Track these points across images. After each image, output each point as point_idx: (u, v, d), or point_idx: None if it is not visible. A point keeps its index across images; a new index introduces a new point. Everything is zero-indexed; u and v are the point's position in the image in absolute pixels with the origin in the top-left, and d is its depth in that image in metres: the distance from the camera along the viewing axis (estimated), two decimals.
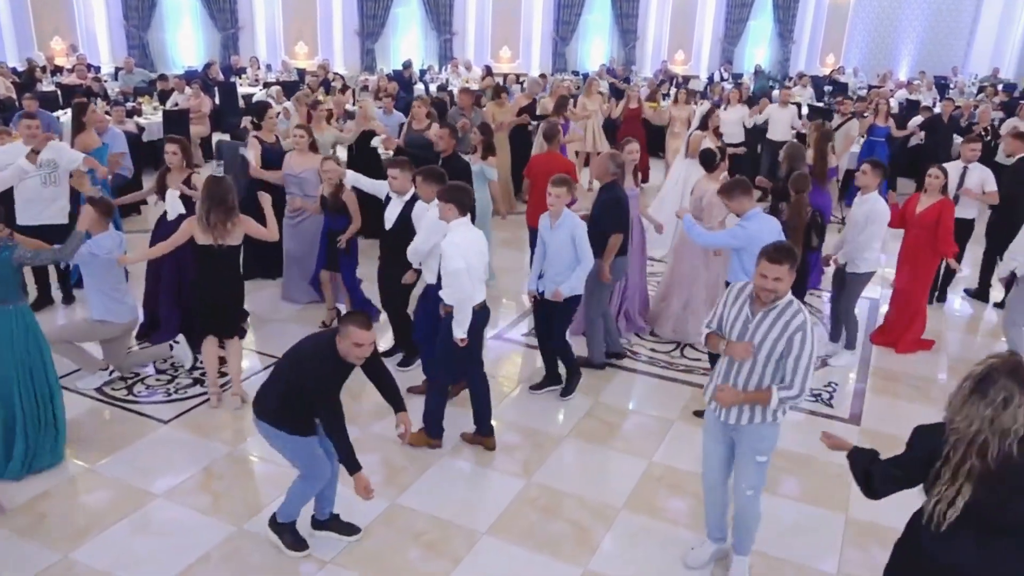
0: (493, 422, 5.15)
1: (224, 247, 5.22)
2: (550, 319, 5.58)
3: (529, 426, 5.38)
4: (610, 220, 5.73)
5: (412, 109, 8.70)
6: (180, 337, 5.81)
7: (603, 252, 5.66)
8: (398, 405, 4.13)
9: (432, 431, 5.02)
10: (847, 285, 6.31)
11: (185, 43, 18.13)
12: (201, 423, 5.28)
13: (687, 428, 5.41)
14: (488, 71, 16.68)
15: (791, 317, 3.52)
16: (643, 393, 5.94)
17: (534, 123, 10.48)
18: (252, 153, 7.11)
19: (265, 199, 5.65)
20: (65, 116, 10.72)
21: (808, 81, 17.23)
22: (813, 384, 4.54)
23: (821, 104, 15.41)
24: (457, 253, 4.61)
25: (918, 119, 12.01)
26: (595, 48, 21.57)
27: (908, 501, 2.81)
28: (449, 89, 14.58)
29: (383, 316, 6.39)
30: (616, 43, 21.58)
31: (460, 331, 4.69)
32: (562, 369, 5.78)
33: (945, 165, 6.69)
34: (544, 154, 7.47)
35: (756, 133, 11.68)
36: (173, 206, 6.10)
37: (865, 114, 11.57)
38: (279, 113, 8.84)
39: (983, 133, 10.99)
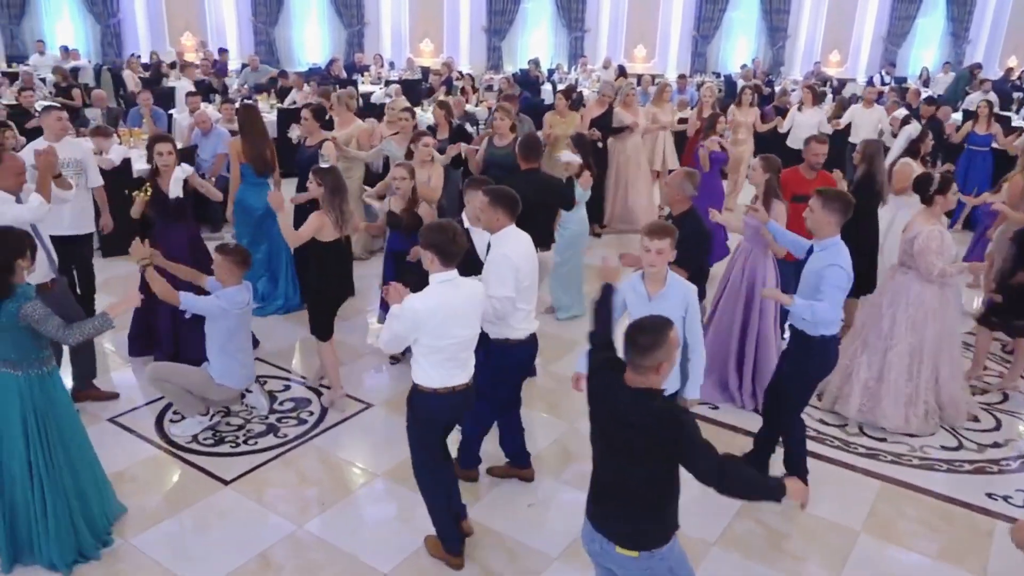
0: None
1: (347, 238, 5.12)
2: None
3: None
4: (691, 259, 4.34)
5: (494, 121, 7.01)
6: (254, 384, 5.00)
7: None
8: None
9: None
10: None
11: (311, 40, 17.87)
12: (266, 487, 4.38)
13: (875, 544, 4.07)
14: (622, 71, 15.44)
15: None
16: (811, 486, 4.58)
17: (600, 139, 8.45)
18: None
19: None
20: (180, 113, 10.36)
21: (990, 86, 15.03)
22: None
23: (1010, 113, 13.32)
24: (411, 321, 3.35)
25: None
26: (739, 47, 19.88)
27: None
28: (579, 90, 13.45)
29: None
30: (763, 42, 19.82)
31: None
32: None
33: None
34: (791, 169, 5.92)
35: (838, 138, 9.83)
36: (175, 189, 5.42)
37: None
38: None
39: None
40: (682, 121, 9.77)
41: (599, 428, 2.75)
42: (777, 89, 14.90)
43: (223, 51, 15.52)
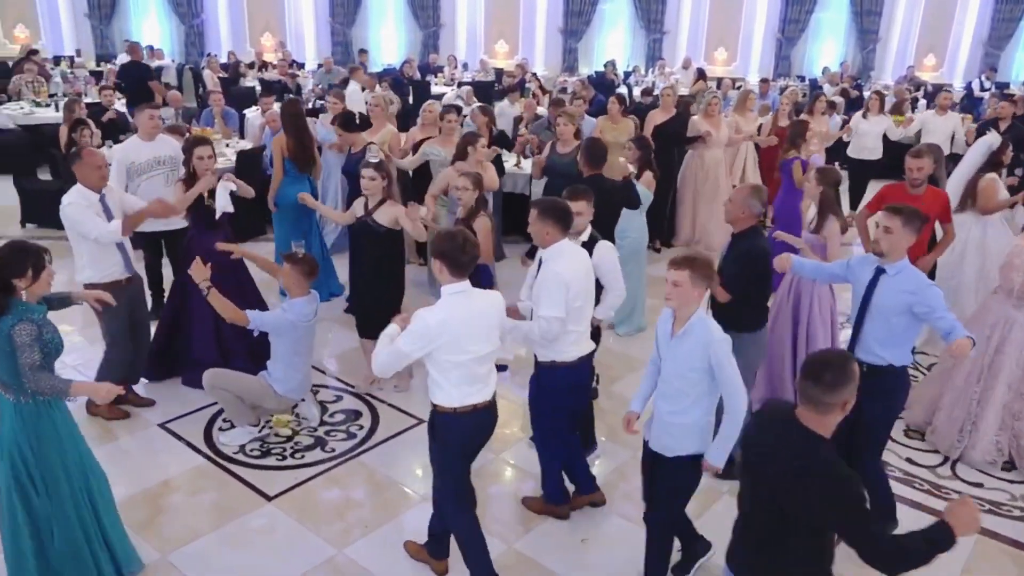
0: None
1: None
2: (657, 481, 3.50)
3: None
4: (737, 279, 4.00)
5: (558, 127, 6.73)
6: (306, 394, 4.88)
7: (739, 325, 3.95)
8: None
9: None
10: None
11: (387, 41, 17.95)
12: (309, 505, 4.22)
13: None
14: (701, 74, 14.94)
15: None
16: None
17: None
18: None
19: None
20: (253, 112, 10.42)
21: None
22: None
23: None
24: (422, 336, 3.14)
25: None
26: (826, 50, 19.05)
27: None
28: (655, 93, 13.03)
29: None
30: (852, 44, 18.95)
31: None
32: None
33: None
34: (896, 185, 5.43)
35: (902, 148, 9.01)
36: (223, 203, 5.11)
37: None
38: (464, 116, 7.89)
39: None
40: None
41: (751, 462, 2.53)
42: (866, 95, 14.12)
43: (364, 51, 15.46)
